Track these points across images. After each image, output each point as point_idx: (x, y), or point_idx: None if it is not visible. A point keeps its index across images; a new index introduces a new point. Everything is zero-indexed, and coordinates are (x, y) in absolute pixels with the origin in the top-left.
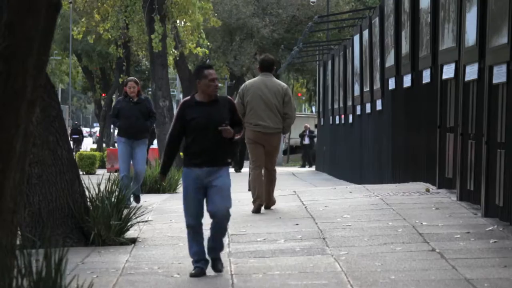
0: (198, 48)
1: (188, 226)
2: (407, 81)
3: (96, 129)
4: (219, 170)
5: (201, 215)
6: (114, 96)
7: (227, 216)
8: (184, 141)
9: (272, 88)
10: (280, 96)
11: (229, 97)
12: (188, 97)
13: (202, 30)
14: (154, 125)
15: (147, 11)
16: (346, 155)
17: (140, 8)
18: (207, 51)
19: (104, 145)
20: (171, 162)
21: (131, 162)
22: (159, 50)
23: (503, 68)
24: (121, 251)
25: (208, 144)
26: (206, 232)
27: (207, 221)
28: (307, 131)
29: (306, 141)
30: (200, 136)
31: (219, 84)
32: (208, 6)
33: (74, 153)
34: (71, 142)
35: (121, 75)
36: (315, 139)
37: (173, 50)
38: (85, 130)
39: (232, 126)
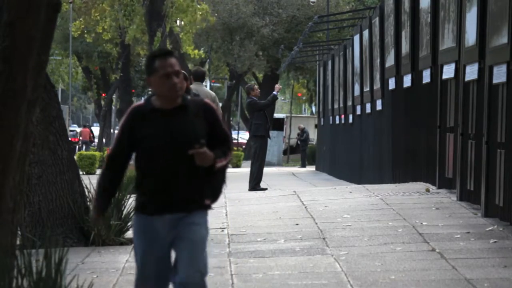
0: (196, 51)
1: None
2: (407, 81)
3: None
4: (190, 216)
5: (164, 280)
6: (114, 96)
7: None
8: (135, 172)
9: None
10: None
11: (206, 100)
12: (141, 101)
13: (192, 36)
14: None
15: (147, 11)
16: (346, 155)
17: (140, 8)
18: (202, 55)
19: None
20: (108, 199)
21: None
22: None
23: (503, 68)
24: (121, 251)
25: (171, 177)
26: None
27: None
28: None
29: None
30: (157, 164)
31: (217, 84)
32: (205, 8)
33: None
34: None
35: (117, 75)
36: (308, 140)
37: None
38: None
39: (213, 146)
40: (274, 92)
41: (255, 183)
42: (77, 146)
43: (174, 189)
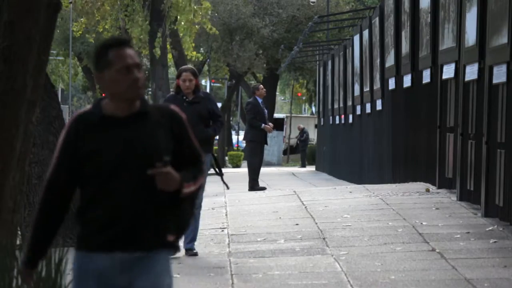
0: (194, 52)
1: None
2: (407, 81)
3: None
4: (148, 258)
5: None
6: None
7: None
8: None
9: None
10: None
11: (172, 106)
12: (87, 108)
13: (193, 37)
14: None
15: (150, 11)
16: (346, 155)
17: (141, 7)
18: (200, 57)
19: None
20: (48, 242)
21: None
22: (159, 55)
23: (503, 68)
24: None
25: (124, 203)
26: None
27: None
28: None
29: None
30: (107, 187)
31: (217, 84)
32: (207, 6)
33: None
34: None
35: None
36: (307, 140)
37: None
38: None
39: (180, 167)
40: (263, 125)
41: (251, 184)
42: None
43: (128, 219)
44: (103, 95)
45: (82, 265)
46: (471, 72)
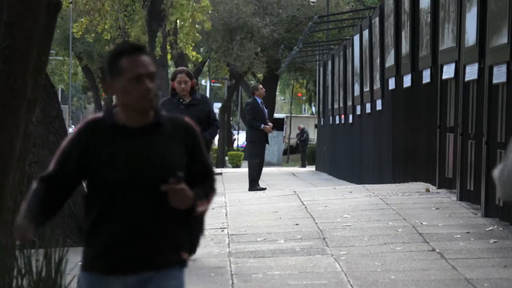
0: (194, 53)
1: None
2: (407, 81)
3: None
4: (161, 276)
5: None
6: (114, 97)
7: None
8: (84, 211)
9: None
10: None
11: (187, 119)
12: (99, 114)
13: (193, 37)
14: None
15: (148, 11)
16: (346, 155)
17: (140, 7)
18: (200, 58)
19: None
20: (41, 214)
21: None
22: (159, 55)
23: (503, 68)
24: None
25: (135, 221)
26: None
27: None
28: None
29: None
30: (117, 203)
31: (217, 84)
32: (206, 4)
33: None
34: None
35: None
36: (307, 140)
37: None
38: None
39: (192, 182)
40: (262, 126)
41: (251, 184)
42: None
43: (140, 239)
44: (103, 94)
45: (92, 285)
46: (471, 72)
